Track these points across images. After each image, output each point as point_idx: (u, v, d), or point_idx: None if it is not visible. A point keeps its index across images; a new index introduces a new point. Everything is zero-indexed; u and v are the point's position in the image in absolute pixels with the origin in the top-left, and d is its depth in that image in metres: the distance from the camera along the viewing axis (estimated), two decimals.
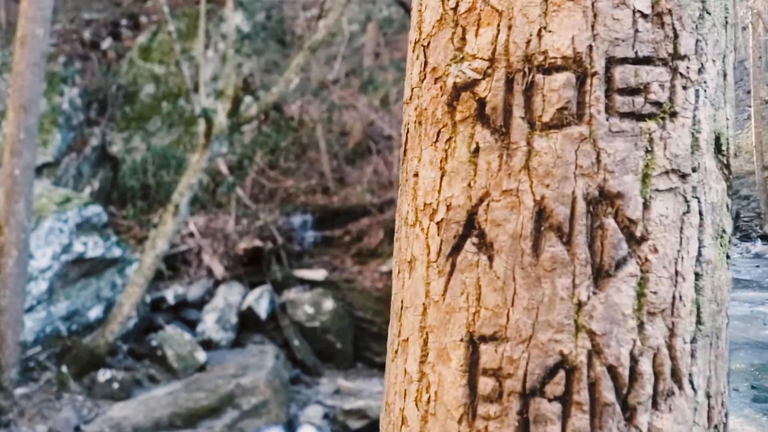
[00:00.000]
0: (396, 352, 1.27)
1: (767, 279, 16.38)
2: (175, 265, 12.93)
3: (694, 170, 1.10)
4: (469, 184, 1.13)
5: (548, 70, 1.09)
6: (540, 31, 1.09)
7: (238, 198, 14.38)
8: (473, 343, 1.10)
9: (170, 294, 12.25)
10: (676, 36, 1.10)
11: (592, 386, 1.03)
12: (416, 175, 1.24)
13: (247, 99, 14.28)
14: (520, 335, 1.06)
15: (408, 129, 1.29)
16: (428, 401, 1.15)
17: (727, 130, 1.18)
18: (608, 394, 1.03)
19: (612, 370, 1.04)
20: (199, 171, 11.12)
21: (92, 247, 10.97)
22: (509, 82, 1.11)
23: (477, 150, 1.13)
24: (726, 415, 1.20)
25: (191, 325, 11.84)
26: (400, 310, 1.24)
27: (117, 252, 11.48)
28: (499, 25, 1.12)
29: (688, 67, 1.10)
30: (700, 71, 1.12)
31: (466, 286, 1.12)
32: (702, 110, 1.12)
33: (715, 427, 1.14)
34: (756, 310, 12.83)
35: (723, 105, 1.18)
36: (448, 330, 1.13)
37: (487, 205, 1.11)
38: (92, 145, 15.16)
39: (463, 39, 1.17)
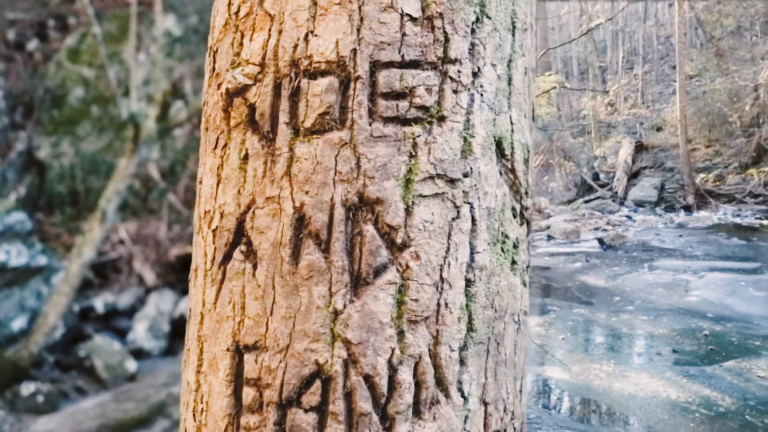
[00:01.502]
0: (184, 361, 1.23)
1: (689, 248, 16.71)
2: (104, 272, 12.61)
3: (465, 175, 1.06)
4: (238, 192, 1.10)
5: (313, 74, 1.05)
6: (307, 35, 1.06)
7: (171, 204, 14.15)
8: (239, 352, 1.07)
9: (99, 302, 11.95)
10: (447, 40, 1.06)
11: (349, 396, 1.01)
12: (200, 182, 1.21)
13: (178, 103, 14.05)
14: (277, 345, 1.04)
15: (201, 136, 1.25)
16: (201, 411, 1.12)
17: (511, 135, 1.15)
18: (364, 404, 1.00)
19: (369, 379, 1.01)
20: (127, 176, 10.90)
21: (15, 255, 10.62)
22: (277, 87, 1.08)
23: (246, 157, 1.09)
24: (517, 420, 1.20)
25: (121, 334, 11.56)
26: (189, 319, 1.21)
27: (42, 260, 11.13)
28: (270, 30, 1.09)
29: (459, 71, 1.07)
30: (476, 75, 1.09)
31: (233, 294, 1.09)
32: (477, 114, 1.09)
33: None
34: (678, 278, 13.12)
35: (507, 109, 1.14)
36: (218, 339, 1.10)
37: (253, 212, 1.08)
38: (18, 150, 14.69)
39: (241, 44, 1.13)
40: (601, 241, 17.62)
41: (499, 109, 1.13)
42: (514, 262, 1.16)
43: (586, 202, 26.22)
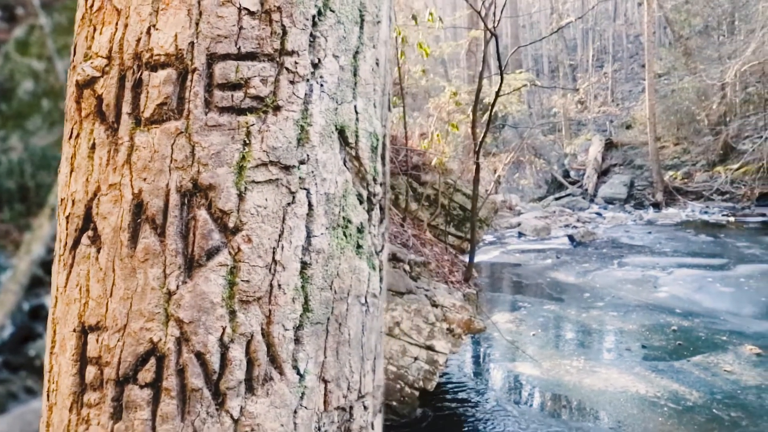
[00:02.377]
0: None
1: (658, 245, 16.87)
2: None
3: (302, 162, 1.11)
4: (87, 179, 1.14)
5: (154, 67, 1.10)
6: (149, 29, 1.11)
7: None
8: (84, 332, 1.12)
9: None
10: (284, 33, 1.11)
11: (181, 372, 1.05)
12: (59, 171, 1.25)
13: None
14: (116, 324, 1.08)
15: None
16: (53, 391, 1.17)
17: (355, 123, 1.20)
18: (196, 380, 1.05)
19: (200, 356, 1.05)
20: None
21: None
22: (122, 79, 1.13)
23: (94, 146, 1.14)
24: (368, 399, 1.25)
25: None
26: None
27: None
28: (117, 24, 1.14)
29: (297, 63, 1.11)
30: (316, 66, 1.14)
31: (80, 278, 1.13)
32: (317, 104, 1.13)
33: (341, 409, 1.18)
34: (647, 274, 13.24)
35: (351, 99, 1.19)
36: (67, 321, 1.15)
37: (98, 199, 1.12)
38: None
39: (93, 37, 1.18)
40: (571, 237, 17.73)
41: (342, 99, 1.18)
42: (359, 246, 1.21)
43: (557, 199, 26.39)
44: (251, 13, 1.10)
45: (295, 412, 1.10)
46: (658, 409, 6.69)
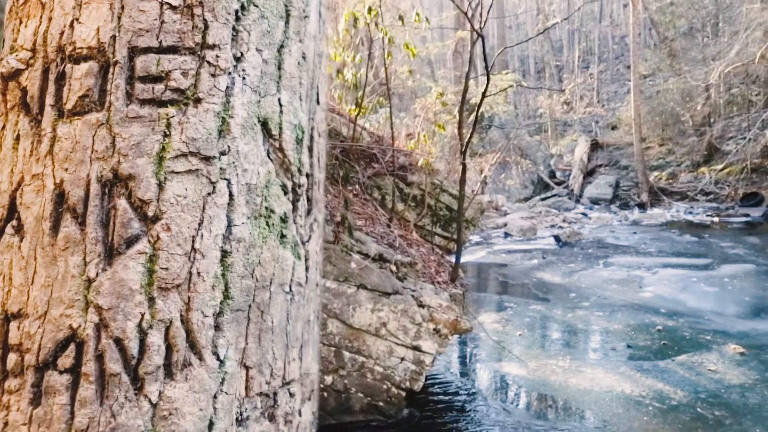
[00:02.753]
0: None
1: (643, 245, 16.89)
2: None
3: (223, 153, 1.13)
4: (12, 170, 1.16)
5: (77, 59, 1.12)
6: (72, 22, 1.13)
7: None
8: (7, 320, 1.13)
9: None
10: (206, 27, 1.13)
11: (100, 358, 1.07)
12: None
13: None
14: (37, 311, 1.09)
15: None
16: None
17: (279, 116, 1.22)
18: (115, 365, 1.06)
19: (119, 342, 1.07)
20: None
21: None
22: (45, 72, 1.15)
23: (18, 137, 1.16)
24: (294, 386, 1.27)
25: None
26: None
27: None
28: (41, 17, 1.16)
29: (218, 56, 1.13)
30: (238, 60, 1.16)
31: (3, 266, 1.15)
32: (238, 97, 1.15)
33: (265, 395, 1.20)
34: (633, 274, 13.25)
35: (275, 92, 1.21)
36: None
37: (22, 189, 1.14)
38: None
39: (18, 30, 1.20)
40: (557, 238, 17.77)
41: (266, 91, 1.20)
42: (283, 236, 1.23)
43: (543, 199, 26.43)
44: (173, 8, 1.12)
45: (215, 397, 1.11)
46: (643, 409, 6.72)
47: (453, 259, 7.48)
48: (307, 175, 1.32)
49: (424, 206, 8.10)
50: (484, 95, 7.43)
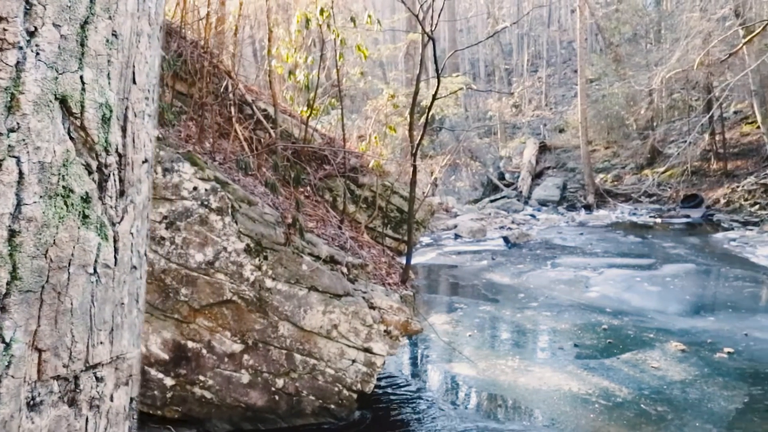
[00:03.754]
0: None
1: (590, 245, 17.19)
2: None
3: (12, 130, 1.08)
4: None
5: None
6: None
7: None
8: None
9: None
10: None
11: None
12: None
13: None
14: None
15: None
16: None
17: (81, 94, 1.18)
18: None
19: None
20: None
21: None
22: None
23: None
24: (103, 371, 1.25)
25: None
26: None
27: None
28: None
29: (5, 30, 1.08)
30: (32, 34, 1.11)
31: None
32: (31, 72, 1.11)
33: (63, 378, 1.17)
34: (579, 274, 13.49)
35: (77, 69, 1.17)
36: None
37: None
38: None
39: None
40: (506, 239, 17.95)
41: (64, 68, 1.15)
42: (85, 216, 1.19)
43: (492, 201, 26.65)
44: None
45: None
46: (590, 406, 6.85)
47: (404, 260, 7.50)
48: (120, 156, 1.28)
49: (375, 208, 8.11)
50: (434, 97, 7.48)
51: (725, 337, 9.01)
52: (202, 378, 5.71)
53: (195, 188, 5.64)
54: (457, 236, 18.89)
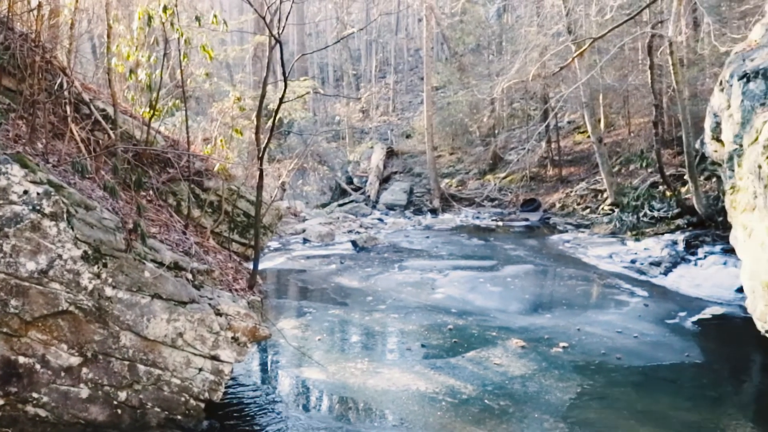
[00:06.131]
0: None
1: (435, 248, 17.65)
2: None
3: None
4: None
5: None
6: None
7: None
8: None
9: None
10: None
11: None
12: None
13: None
14: None
15: None
16: None
17: None
18: None
19: None
20: None
21: None
22: None
23: None
24: None
25: None
26: None
27: None
28: None
29: None
30: None
31: None
32: None
33: None
34: (426, 277, 13.81)
35: None
36: None
37: None
38: None
39: None
40: (354, 243, 18.12)
41: None
42: None
43: (341, 205, 26.83)
44: None
45: None
46: (437, 404, 7.04)
47: (251, 265, 7.40)
48: None
49: (221, 212, 7.95)
50: (281, 101, 7.43)
51: (561, 333, 9.55)
52: (35, 395, 5.36)
53: (26, 192, 5.28)
54: (305, 240, 18.87)
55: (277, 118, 7.52)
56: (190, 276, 6.17)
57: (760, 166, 8.00)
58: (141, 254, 5.76)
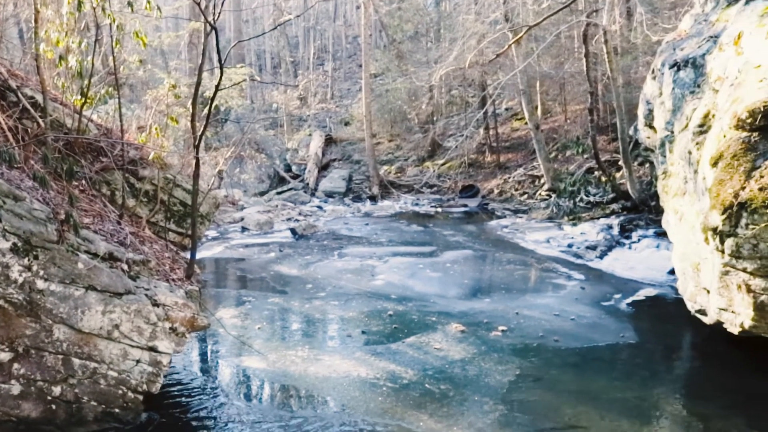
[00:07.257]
0: None
1: (375, 235, 17.73)
2: None
3: None
4: None
5: None
6: None
7: None
8: None
9: None
10: None
11: None
12: None
13: None
14: None
15: None
16: None
17: None
18: None
19: None
20: None
21: None
22: None
23: None
24: None
25: None
26: None
27: None
28: None
29: None
30: None
31: None
32: None
33: None
34: (365, 263, 13.89)
35: None
36: None
37: None
38: None
39: None
40: (293, 231, 18.06)
41: None
42: None
43: (279, 193, 26.66)
44: None
45: None
46: (378, 390, 7.11)
47: (188, 255, 7.33)
48: None
49: (157, 202, 7.83)
50: (217, 88, 7.35)
51: (499, 317, 9.74)
52: None
53: None
54: (244, 229, 18.71)
55: (213, 105, 7.42)
56: (125, 267, 6.07)
57: (690, 152, 8.28)
58: (74, 245, 5.64)
